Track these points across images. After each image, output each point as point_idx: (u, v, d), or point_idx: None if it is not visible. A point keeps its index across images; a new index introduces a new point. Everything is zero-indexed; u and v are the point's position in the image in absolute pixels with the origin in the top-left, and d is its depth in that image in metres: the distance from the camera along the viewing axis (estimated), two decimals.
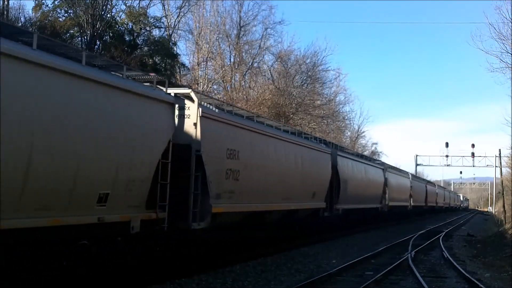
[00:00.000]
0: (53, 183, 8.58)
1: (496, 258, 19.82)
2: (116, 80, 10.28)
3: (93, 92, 9.40)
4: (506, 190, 45.29)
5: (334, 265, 15.76)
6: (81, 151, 9.06)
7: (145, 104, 10.88)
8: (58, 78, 8.70)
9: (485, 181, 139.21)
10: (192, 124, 12.81)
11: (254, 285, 12.30)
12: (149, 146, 10.94)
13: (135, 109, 10.53)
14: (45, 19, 29.69)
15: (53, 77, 8.61)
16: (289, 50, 46.28)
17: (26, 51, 8.29)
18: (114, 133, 9.90)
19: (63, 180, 8.78)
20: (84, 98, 9.19)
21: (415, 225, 40.57)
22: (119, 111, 10.07)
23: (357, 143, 66.25)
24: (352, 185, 26.89)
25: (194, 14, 40.72)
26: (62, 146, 8.69)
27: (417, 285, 13.27)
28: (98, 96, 9.53)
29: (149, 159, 10.97)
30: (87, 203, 9.41)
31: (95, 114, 9.41)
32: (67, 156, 8.80)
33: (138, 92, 10.70)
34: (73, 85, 8.96)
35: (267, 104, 38.48)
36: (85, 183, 9.23)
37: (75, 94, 8.99)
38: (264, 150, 16.72)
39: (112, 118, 9.85)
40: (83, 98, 9.18)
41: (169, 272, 12.26)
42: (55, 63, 8.71)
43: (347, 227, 28.35)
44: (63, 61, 9.06)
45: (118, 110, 10.03)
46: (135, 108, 10.54)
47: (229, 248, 15.67)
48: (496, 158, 62.94)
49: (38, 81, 8.31)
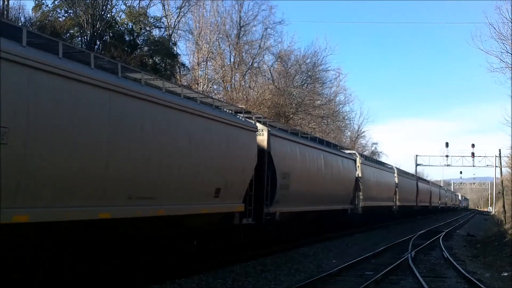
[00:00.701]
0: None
1: (496, 258, 19.82)
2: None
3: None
4: (506, 190, 45.33)
5: (334, 265, 15.76)
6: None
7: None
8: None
9: (485, 181, 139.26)
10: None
11: (254, 285, 12.30)
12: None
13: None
14: (45, 19, 29.73)
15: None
16: (289, 50, 46.41)
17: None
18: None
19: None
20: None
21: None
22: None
23: (357, 143, 66.29)
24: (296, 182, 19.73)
25: (194, 14, 40.81)
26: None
27: (417, 285, 13.27)
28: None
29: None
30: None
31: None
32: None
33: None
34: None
35: (267, 104, 38.49)
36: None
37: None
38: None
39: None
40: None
41: (169, 272, 12.27)
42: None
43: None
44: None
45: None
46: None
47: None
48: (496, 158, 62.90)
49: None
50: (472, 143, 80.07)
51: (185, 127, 12.32)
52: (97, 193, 9.61)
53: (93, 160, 9.46)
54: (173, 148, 11.81)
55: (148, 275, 11.72)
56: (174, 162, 11.79)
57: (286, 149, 19.12)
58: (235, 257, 15.44)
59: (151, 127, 10.95)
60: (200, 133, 12.97)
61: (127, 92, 10.36)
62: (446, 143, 79.21)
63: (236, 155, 14.87)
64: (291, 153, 19.57)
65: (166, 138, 11.51)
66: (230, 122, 14.74)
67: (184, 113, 12.27)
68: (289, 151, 19.37)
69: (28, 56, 8.21)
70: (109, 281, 10.59)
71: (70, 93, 8.99)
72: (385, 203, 36.97)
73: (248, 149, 15.85)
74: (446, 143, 79.03)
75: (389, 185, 38.33)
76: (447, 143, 78.91)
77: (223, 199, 14.16)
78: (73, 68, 9.14)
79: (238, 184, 15.10)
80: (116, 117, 10.00)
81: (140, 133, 10.63)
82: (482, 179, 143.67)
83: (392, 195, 39.54)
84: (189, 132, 12.47)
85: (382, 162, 44.74)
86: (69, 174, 8.94)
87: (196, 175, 12.73)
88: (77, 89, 9.14)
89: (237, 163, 14.93)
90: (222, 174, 14.04)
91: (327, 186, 23.37)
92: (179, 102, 12.17)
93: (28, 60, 8.18)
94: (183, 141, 12.22)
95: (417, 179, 56.65)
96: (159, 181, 11.29)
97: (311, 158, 21.60)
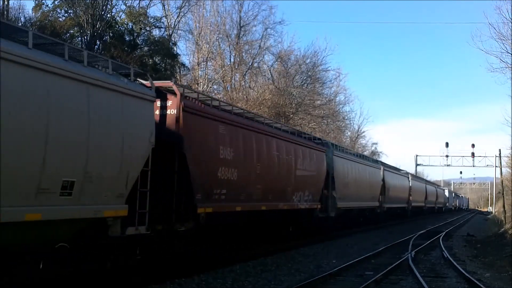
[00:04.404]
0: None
1: (496, 258, 19.81)
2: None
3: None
4: (506, 190, 45.33)
5: (334, 265, 15.76)
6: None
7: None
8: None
9: (485, 181, 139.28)
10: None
11: (254, 285, 12.30)
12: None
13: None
14: (45, 19, 29.75)
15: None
16: (289, 50, 46.37)
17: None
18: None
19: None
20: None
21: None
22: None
23: (357, 143, 66.33)
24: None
25: (194, 14, 40.80)
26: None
27: (417, 285, 13.26)
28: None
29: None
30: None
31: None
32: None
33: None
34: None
35: (267, 104, 38.51)
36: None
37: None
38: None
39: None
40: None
41: (169, 272, 12.27)
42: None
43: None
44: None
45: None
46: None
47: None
48: (496, 158, 62.94)
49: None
50: (472, 143, 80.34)
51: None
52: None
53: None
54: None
55: (148, 275, 11.72)
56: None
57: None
58: (235, 257, 15.44)
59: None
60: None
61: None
62: (446, 143, 79.45)
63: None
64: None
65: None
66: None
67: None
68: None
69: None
70: (109, 281, 10.59)
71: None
72: (367, 203, 32.11)
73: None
74: (446, 143, 79.25)
75: (373, 182, 33.48)
76: (447, 143, 79.13)
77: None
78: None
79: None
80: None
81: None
82: (482, 179, 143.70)
83: (377, 195, 34.71)
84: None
85: (366, 156, 40.53)
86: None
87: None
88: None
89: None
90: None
91: (273, 182, 17.69)
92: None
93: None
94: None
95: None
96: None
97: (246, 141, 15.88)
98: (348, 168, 27.90)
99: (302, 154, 20.71)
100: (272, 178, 17.63)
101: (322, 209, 23.44)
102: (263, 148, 17.03)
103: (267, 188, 17.18)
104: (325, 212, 23.96)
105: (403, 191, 45.56)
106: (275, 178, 17.99)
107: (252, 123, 16.94)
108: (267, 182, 17.16)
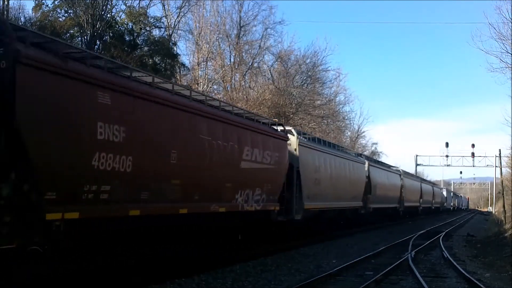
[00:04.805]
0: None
1: (496, 258, 19.81)
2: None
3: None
4: (506, 190, 45.34)
5: (334, 265, 15.76)
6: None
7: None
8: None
9: (485, 181, 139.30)
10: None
11: (254, 285, 12.30)
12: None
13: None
14: (45, 19, 29.76)
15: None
16: (289, 50, 46.39)
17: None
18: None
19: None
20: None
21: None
22: None
23: (357, 143, 66.34)
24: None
25: (194, 14, 40.83)
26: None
27: (417, 285, 13.26)
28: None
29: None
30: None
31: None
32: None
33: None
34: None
35: (267, 104, 38.51)
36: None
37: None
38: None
39: None
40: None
41: (169, 272, 12.27)
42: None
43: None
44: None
45: None
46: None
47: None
48: (496, 158, 62.94)
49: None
50: (472, 143, 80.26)
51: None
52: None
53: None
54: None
55: (148, 275, 11.73)
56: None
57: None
58: (235, 257, 15.44)
59: None
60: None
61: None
62: (446, 143, 79.40)
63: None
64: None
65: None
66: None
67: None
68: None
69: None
70: (109, 281, 10.59)
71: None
72: (347, 203, 27.90)
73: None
74: (446, 143, 79.20)
75: (355, 179, 29.40)
76: (447, 143, 79.09)
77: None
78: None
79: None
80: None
81: None
82: (482, 179, 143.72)
83: (361, 194, 30.69)
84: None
85: (346, 148, 35.55)
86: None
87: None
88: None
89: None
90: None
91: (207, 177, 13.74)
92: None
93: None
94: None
95: (403, 174, 44.76)
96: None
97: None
98: (321, 161, 23.42)
99: (252, 142, 16.07)
100: (198, 171, 13.08)
101: (283, 211, 18.88)
102: (183, 130, 12.54)
103: (190, 184, 12.76)
104: (288, 215, 19.56)
105: (394, 190, 40.60)
106: (205, 171, 13.39)
107: (165, 94, 12.17)
108: (190, 176, 12.71)
